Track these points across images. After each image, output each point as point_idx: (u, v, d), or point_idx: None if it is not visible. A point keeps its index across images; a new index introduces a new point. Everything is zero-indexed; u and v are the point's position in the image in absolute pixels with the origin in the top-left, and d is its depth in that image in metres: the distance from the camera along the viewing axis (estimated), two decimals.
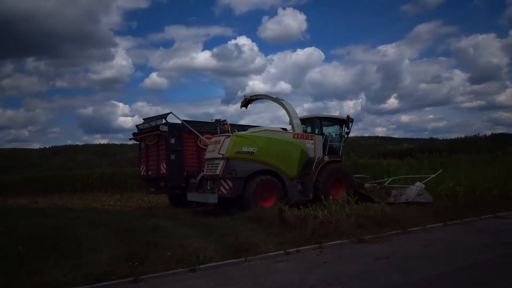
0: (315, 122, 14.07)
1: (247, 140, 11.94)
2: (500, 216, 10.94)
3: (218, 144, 12.04)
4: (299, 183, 12.60)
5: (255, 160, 11.86)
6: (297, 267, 6.50)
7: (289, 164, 12.42)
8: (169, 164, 13.57)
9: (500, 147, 37.32)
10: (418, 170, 17.71)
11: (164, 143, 13.73)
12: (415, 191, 12.48)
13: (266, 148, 12.10)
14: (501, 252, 6.91)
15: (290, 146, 12.64)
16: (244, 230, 9.07)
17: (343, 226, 8.83)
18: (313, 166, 12.74)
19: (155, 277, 6.01)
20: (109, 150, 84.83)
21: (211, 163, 12.33)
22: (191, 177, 13.63)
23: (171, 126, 13.79)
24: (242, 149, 11.71)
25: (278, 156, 12.22)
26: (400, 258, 6.79)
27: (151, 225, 9.82)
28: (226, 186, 11.57)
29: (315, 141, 13.32)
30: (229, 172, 11.47)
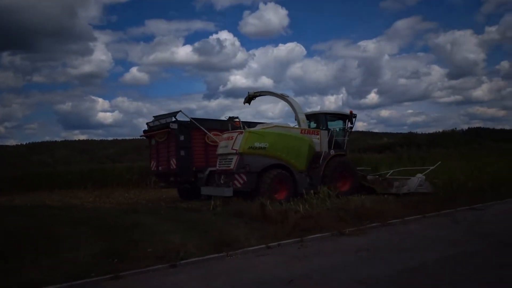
0: (320, 118, 14.55)
1: (259, 136, 12.39)
2: (475, 208, 11.20)
3: (231, 140, 12.44)
4: (308, 176, 13.09)
5: (266, 155, 12.32)
6: (278, 261, 6.52)
7: (298, 158, 12.89)
8: (179, 160, 14.19)
9: (476, 141, 38.27)
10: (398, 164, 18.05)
11: (174, 140, 14.31)
12: (417, 182, 12.93)
13: (277, 143, 12.58)
14: (476, 243, 7.08)
15: (299, 141, 13.12)
16: (226, 225, 9.07)
17: (324, 219, 8.94)
18: (320, 160, 13.31)
19: (135, 274, 5.95)
20: (89, 146, 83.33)
21: (224, 158, 12.76)
22: (200, 172, 14.25)
23: (180, 123, 14.38)
24: (254, 145, 12.17)
25: (288, 151, 12.69)
26: (379, 250, 6.90)
27: (132, 222, 9.71)
28: (240, 180, 11.98)
29: (321, 136, 13.77)
30: (243, 166, 11.93)
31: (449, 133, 57.83)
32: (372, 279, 5.21)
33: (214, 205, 11.76)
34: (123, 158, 61.23)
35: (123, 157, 64.26)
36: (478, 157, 21.84)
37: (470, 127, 74.72)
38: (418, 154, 24.49)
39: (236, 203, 11.39)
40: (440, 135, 57.56)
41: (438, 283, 4.99)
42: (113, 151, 75.17)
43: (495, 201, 12.29)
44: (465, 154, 25.06)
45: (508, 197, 12.95)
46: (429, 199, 11.72)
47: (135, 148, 74.55)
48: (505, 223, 8.95)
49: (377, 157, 23.76)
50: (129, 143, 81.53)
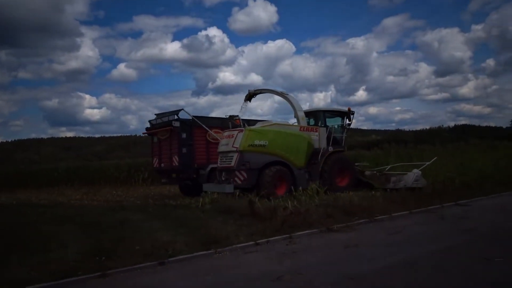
0: (319, 115, 14.81)
1: (259, 134, 12.69)
2: (461, 204, 11.38)
3: (231, 138, 12.75)
4: (307, 172, 13.42)
5: (266, 152, 12.63)
6: (267, 257, 6.55)
7: (297, 155, 13.23)
8: (181, 157, 14.51)
9: (462, 138, 38.80)
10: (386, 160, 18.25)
11: (176, 138, 14.63)
12: (413, 178, 13.22)
13: (276, 141, 12.88)
14: (460, 239, 7.20)
15: (298, 138, 13.44)
16: (214, 222, 9.07)
17: (312, 216, 8.99)
18: (319, 156, 13.61)
19: (123, 271, 5.92)
20: (76, 143, 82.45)
21: (225, 155, 13.04)
22: (201, 169, 14.80)
23: (182, 121, 14.71)
24: (254, 142, 12.49)
25: (287, 148, 13.02)
26: (367, 246, 6.96)
27: (120, 219, 9.66)
28: (241, 177, 12.32)
29: (319, 133, 14.08)
30: (243, 164, 12.27)
31: (436, 130, 58.67)
32: (360, 274, 5.27)
33: (203, 202, 11.76)
34: (110, 155, 60.78)
35: (110, 154, 63.78)
36: (464, 153, 22.16)
37: (457, 124, 75.80)
38: (405, 151, 24.75)
39: (225, 200, 11.41)
40: (427, 132, 58.36)
41: (424, 277, 5.07)
42: (100, 148, 74.57)
43: (480, 197, 12.50)
44: (451, 151, 25.41)
45: (493, 193, 13.19)
46: (416, 195, 11.87)
47: (123, 146, 74.07)
48: (489, 218, 9.10)
49: (369, 154, 23.96)
50: (117, 140, 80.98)
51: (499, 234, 7.36)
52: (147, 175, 25.14)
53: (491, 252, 6.03)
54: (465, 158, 19.00)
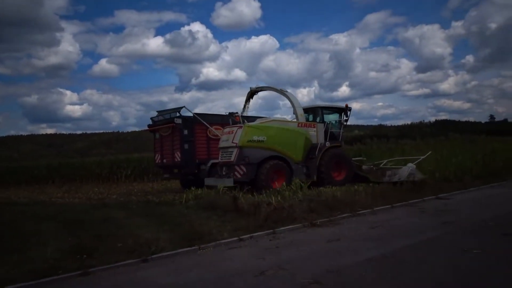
0: (317, 111, 15.31)
1: (257, 130, 13.16)
2: (441, 198, 11.62)
3: (231, 134, 13.20)
4: (304, 166, 13.85)
5: (265, 148, 13.08)
6: (250, 253, 6.57)
7: (295, 150, 13.66)
8: (183, 153, 15.08)
9: (443, 132, 39.47)
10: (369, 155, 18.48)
11: (178, 134, 15.17)
12: (407, 172, 13.58)
13: (274, 137, 13.35)
14: (440, 231, 7.34)
15: (295, 134, 13.89)
16: (198, 218, 9.05)
17: (295, 211, 9.05)
18: (316, 151, 14.02)
19: (105, 269, 5.86)
20: (57, 140, 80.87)
21: (225, 151, 13.48)
22: (202, 164, 15.40)
23: (184, 118, 15.28)
24: (253, 138, 12.94)
25: (285, 143, 13.48)
26: (349, 240, 7.04)
27: (102, 217, 9.56)
28: (240, 171, 12.72)
29: (317, 128, 14.52)
30: (242, 158, 12.71)
31: (417, 125, 59.57)
32: (342, 268, 5.32)
33: (186, 198, 11.72)
34: (92, 152, 59.93)
35: (92, 151, 62.89)
36: (444, 148, 22.55)
37: (437, 119, 77.04)
38: (387, 145, 25.10)
39: (209, 196, 11.39)
40: (409, 127, 59.22)
41: (406, 269, 5.15)
42: (82, 145, 73.35)
43: (459, 191, 12.78)
44: (431, 145, 25.83)
45: (472, 187, 13.50)
46: (397, 189, 12.05)
47: (105, 142, 73.08)
48: (467, 211, 9.31)
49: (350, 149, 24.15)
50: (99, 136, 79.84)
51: (477, 227, 7.53)
52: (129, 172, 24.94)
53: (470, 244, 6.16)
54: (445, 153, 19.33)
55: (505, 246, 6.10)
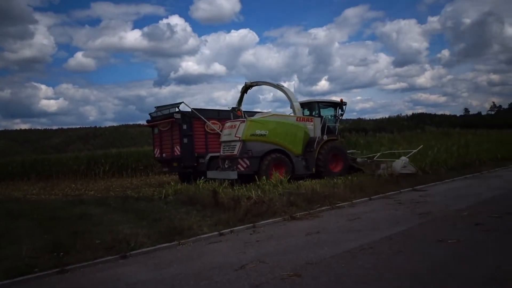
0: (314, 106, 15.69)
1: (259, 124, 13.56)
2: (417, 189, 11.88)
3: (234, 129, 13.52)
4: (303, 159, 14.27)
5: (266, 141, 13.48)
6: (230, 247, 6.58)
7: (295, 143, 14.08)
8: (183, 146, 15.56)
9: (419, 126, 40.31)
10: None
11: (178, 129, 15.65)
12: (401, 164, 13.96)
13: (276, 130, 13.74)
14: (417, 222, 7.51)
15: (295, 128, 14.29)
16: (177, 213, 9.01)
17: (275, 205, 9.09)
18: (314, 144, 14.48)
19: (83, 267, 5.79)
20: (31, 136, 78.74)
21: (228, 145, 13.80)
22: (201, 157, 15.98)
23: (183, 114, 15.72)
24: (255, 132, 13.32)
25: (285, 137, 13.89)
26: (328, 233, 7.13)
27: (79, 213, 9.41)
28: (244, 164, 13.06)
29: (314, 122, 15.00)
30: (245, 152, 13.06)
31: (395, 119, 60.59)
32: (321, 260, 5.39)
33: (165, 193, 11.63)
34: (69, 148, 58.69)
35: (69, 146, 61.60)
36: (420, 141, 23.05)
37: (414, 113, 78.39)
38: (365, 139, 25.46)
39: (188, 191, 11.34)
40: (386, 120, 60.20)
41: (384, 260, 5.25)
42: (58, 141, 71.65)
43: (435, 182, 13.09)
44: (408, 138, 26.38)
45: (447, 178, 13.85)
46: (376, 182, 12.26)
47: (82, 137, 71.66)
48: (443, 202, 9.53)
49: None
50: (75, 132, 78.22)
51: (452, 217, 7.73)
52: (107, 167, 24.56)
53: (445, 235, 6.32)
54: (421, 145, 19.75)
55: (478, 235, 6.29)
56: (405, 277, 4.64)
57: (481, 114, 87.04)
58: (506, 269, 4.57)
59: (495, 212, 7.78)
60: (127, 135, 71.91)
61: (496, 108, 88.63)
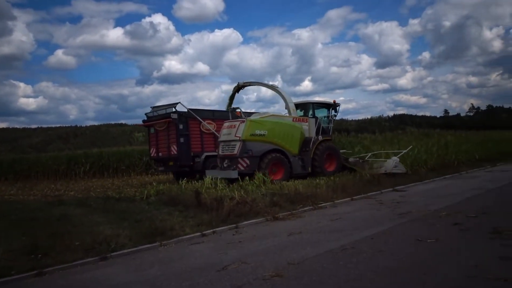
0: (308, 107, 15.98)
1: (259, 124, 13.73)
2: (398, 190, 12.06)
3: (233, 128, 13.64)
4: (300, 159, 14.50)
5: (266, 141, 13.68)
6: (213, 248, 6.56)
7: (292, 143, 14.33)
8: (179, 146, 15.78)
9: (400, 127, 40.95)
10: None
11: (174, 129, 15.85)
12: (392, 164, 14.50)
13: (274, 131, 13.95)
14: (397, 222, 7.62)
15: (292, 128, 14.55)
16: (159, 214, 8.93)
17: (258, 205, 9.11)
18: (310, 144, 14.74)
19: (62, 269, 5.69)
20: (10, 135, 76.97)
21: (227, 144, 13.89)
22: (197, 157, 16.23)
23: (179, 114, 15.95)
24: (255, 132, 13.49)
25: (283, 137, 14.12)
26: (311, 233, 7.17)
27: (58, 214, 9.24)
28: (244, 164, 13.20)
29: (309, 123, 15.29)
30: (245, 151, 13.22)
31: (377, 120, 61.40)
32: (302, 260, 5.42)
33: (147, 194, 11.52)
34: (49, 147, 57.60)
35: (49, 146, 60.46)
36: (401, 141, 23.39)
37: (396, 114, 79.73)
38: (347, 139, 25.70)
39: (171, 191, 11.25)
40: (369, 121, 60.99)
41: (362, 259, 5.31)
42: (37, 140, 70.24)
43: (415, 183, 13.32)
44: (389, 139, 26.74)
45: (426, 179, 14.11)
46: (357, 182, 12.39)
47: (62, 137, 70.42)
48: (422, 202, 9.69)
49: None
50: (55, 131, 76.84)
51: (431, 217, 7.87)
52: (88, 167, 24.18)
53: (424, 234, 6.43)
54: (402, 146, 20.05)
55: (456, 234, 6.42)
56: (386, 276, 4.70)
57: (460, 115, 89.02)
58: (483, 268, 4.68)
59: (472, 212, 7.96)
60: (108, 135, 70.98)
61: (474, 110, 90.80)
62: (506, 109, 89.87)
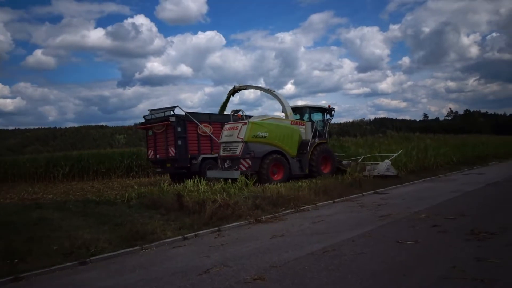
0: (305, 111, 16.48)
1: (260, 126, 14.15)
2: (379, 192, 12.22)
3: (235, 130, 14.07)
4: (298, 160, 14.98)
5: (267, 143, 14.12)
6: (195, 251, 6.52)
7: (291, 145, 14.79)
8: (177, 148, 16.23)
9: (381, 130, 41.54)
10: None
11: (172, 131, 16.34)
12: (385, 166, 15.11)
13: (275, 133, 14.40)
14: (378, 224, 7.72)
15: (291, 131, 15.01)
16: (140, 217, 8.83)
17: (241, 208, 9.09)
18: (307, 147, 15.18)
19: (39, 274, 5.56)
20: None
21: (229, 145, 14.28)
22: (193, 158, 16.75)
23: (177, 117, 16.46)
24: (257, 134, 13.93)
25: (283, 139, 14.58)
26: (293, 235, 7.19)
27: (35, 218, 9.04)
28: (246, 164, 13.58)
29: (306, 126, 15.74)
30: (248, 152, 13.60)
31: (358, 123, 62.12)
32: (284, 263, 5.43)
33: (128, 197, 11.37)
34: (27, 149, 56.34)
35: (27, 148, 59.14)
36: (381, 145, 23.74)
37: (376, 117, 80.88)
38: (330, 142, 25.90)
39: (152, 194, 11.13)
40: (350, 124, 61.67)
41: (343, 261, 5.36)
42: (15, 142, 68.63)
43: (396, 185, 13.52)
44: (370, 142, 27.10)
45: (407, 181, 14.33)
46: (339, 185, 12.50)
47: (41, 139, 69.01)
48: (402, 205, 9.84)
49: None
50: (34, 132, 75.24)
51: (411, 219, 7.99)
52: (67, 170, 23.73)
53: (404, 236, 6.53)
54: (383, 149, 20.36)
55: (434, 236, 6.54)
56: (366, 277, 4.75)
57: (439, 119, 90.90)
58: (460, 269, 4.78)
59: (451, 214, 8.13)
60: (89, 137, 69.86)
61: (453, 114, 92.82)
62: (483, 114, 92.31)
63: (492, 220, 7.62)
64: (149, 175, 23.56)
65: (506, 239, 6.07)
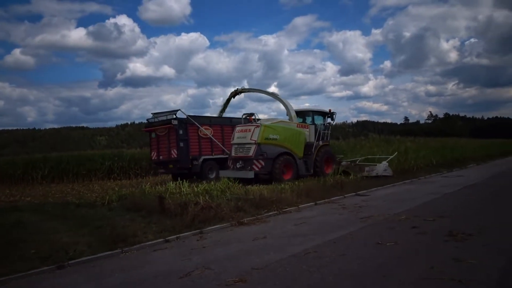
0: (308, 114, 17.28)
1: (272, 129, 14.93)
2: (360, 194, 12.35)
3: (248, 132, 14.83)
4: (304, 161, 15.74)
5: (278, 145, 14.88)
6: (176, 254, 6.47)
7: (299, 147, 15.56)
8: (179, 150, 16.83)
9: (363, 133, 42.02)
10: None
11: (175, 134, 16.96)
12: (383, 168, 16.11)
13: (285, 135, 15.18)
14: (359, 226, 7.80)
15: (298, 133, 15.77)
16: (121, 220, 8.72)
17: (223, 210, 9.05)
18: (312, 148, 16.03)
19: (16, 278, 5.44)
20: None
21: (241, 147, 15.03)
22: (195, 160, 17.38)
23: (179, 120, 17.12)
24: (269, 136, 14.69)
25: (292, 141, 15.37)
26: (275, 237, 7.21)
27: (12, 221, 8.83)
28: (259, 165, 14.31)
29: (310, 129, 16.52)
30: (260, 154, 14.36)
31: (341, 126, 62.74)
32: (266, 265, 5.44)
33: (109, 199, 11.21)
34: (4, 151, 55.00)
35: (4, 149, 57.74)
36: (363, 148, 24.01)
37: (359, 120, 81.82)
38: None
39: (134, 197, 11.00)
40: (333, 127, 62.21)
41: (324, 263, 5.40)
42: None
43: (377, 187, 13.69)
44: (352, 144, 27.40)
45: (387, 184, 14.53)
46: (321, 187, 12.59)
47: (19, 140, 67.54)
48: (383, 206, 9.97)
49: None
50: (12, 134, 73.63)
51: (391, 221, 8.11)
52: (46, 172, 23.24)
53: (384, 237, 6.63)
54: (364, 152, 20.61)
55: (414, 238, 6.65)
56: (347, 279, 4.79)
57: (420, 122, 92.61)
58: (438, 269, 4.87)
59: (430, 215, 8.28)
60: (69, 138, 68.68)
61: (432, 117, 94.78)
62: (462, 117, 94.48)
63: (470, 221, 7.79)
64: (130, 177, 23.27)
65: (483, 240, 6.22)
